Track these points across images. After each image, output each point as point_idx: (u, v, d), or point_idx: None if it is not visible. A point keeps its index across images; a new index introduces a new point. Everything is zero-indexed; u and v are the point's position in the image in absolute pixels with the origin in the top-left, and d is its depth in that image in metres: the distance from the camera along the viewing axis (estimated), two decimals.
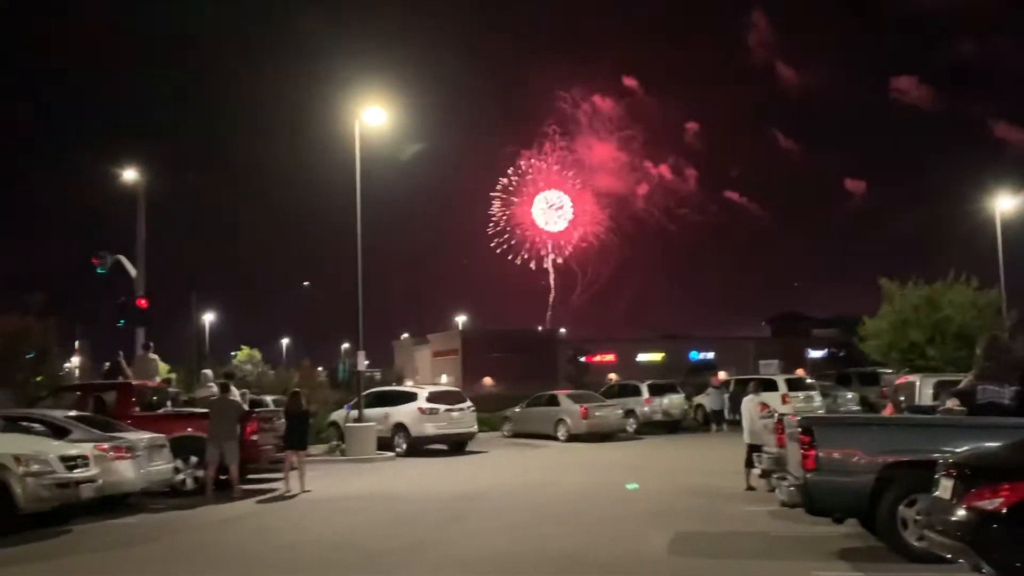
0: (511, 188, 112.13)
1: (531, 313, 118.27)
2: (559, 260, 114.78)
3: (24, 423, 15.59)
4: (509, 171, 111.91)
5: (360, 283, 26.93)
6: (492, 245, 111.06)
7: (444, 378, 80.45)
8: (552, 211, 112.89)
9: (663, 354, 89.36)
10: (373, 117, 27.40)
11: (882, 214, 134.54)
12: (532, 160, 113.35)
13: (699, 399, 37.54)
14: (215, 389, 19.72)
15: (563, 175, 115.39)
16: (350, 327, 27.89)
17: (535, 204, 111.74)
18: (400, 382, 51.39)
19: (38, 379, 28.63)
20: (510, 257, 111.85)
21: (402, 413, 27.50)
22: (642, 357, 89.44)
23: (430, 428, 27.22)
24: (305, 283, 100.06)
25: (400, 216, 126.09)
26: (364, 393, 27.98)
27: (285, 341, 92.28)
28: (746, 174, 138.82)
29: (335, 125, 29.06)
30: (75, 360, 37.73)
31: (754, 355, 67.64)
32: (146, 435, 16.35)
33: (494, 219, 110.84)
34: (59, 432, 15.27)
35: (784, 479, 11.00)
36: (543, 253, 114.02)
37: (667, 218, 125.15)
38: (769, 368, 53.72)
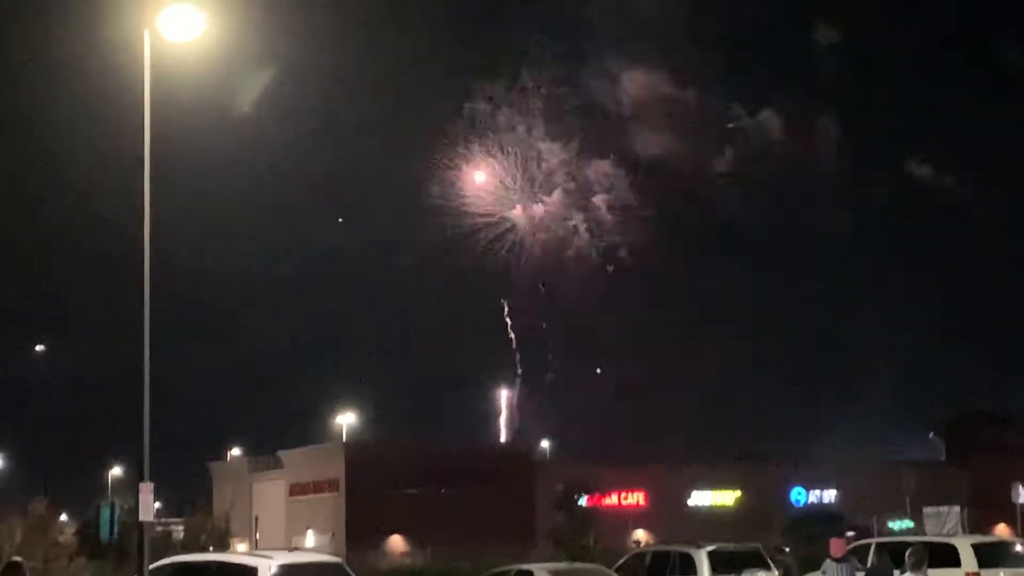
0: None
1: (480, 413, 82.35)
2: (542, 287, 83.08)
3: None
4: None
5: (148, 342, 17.83)
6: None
7: (311, 536, 56.17)
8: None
9: (738, 491, 67.58)
10: (177, 25, 17.53)
11: None
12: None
13: None
14: None
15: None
16: (127, 433, 19.89)
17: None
18: (224, 544, 37.07)
19: None
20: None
21: None
22: (698, 498, 67.47)
23: None
24: (39, 347, 64.06)
25: (234, 214, 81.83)
26: (153, 567, 19.56)
27: None
28: None
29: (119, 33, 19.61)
30: None
31: (913, 495, 50.18)
32: None
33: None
34: None
35: None
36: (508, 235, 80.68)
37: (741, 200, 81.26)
38: (943, 522, 45.55)
